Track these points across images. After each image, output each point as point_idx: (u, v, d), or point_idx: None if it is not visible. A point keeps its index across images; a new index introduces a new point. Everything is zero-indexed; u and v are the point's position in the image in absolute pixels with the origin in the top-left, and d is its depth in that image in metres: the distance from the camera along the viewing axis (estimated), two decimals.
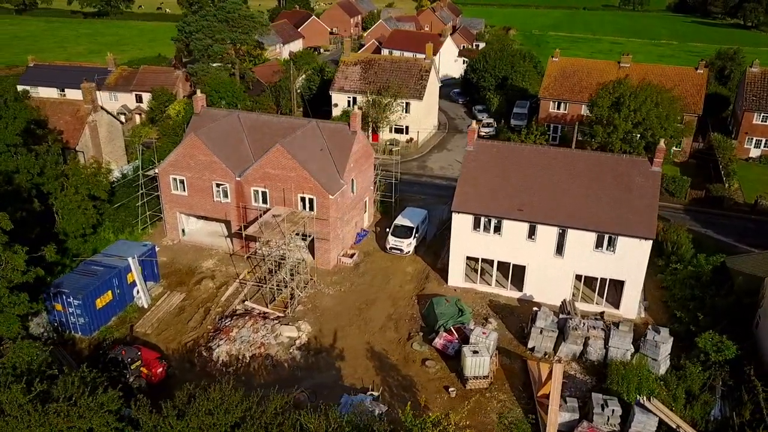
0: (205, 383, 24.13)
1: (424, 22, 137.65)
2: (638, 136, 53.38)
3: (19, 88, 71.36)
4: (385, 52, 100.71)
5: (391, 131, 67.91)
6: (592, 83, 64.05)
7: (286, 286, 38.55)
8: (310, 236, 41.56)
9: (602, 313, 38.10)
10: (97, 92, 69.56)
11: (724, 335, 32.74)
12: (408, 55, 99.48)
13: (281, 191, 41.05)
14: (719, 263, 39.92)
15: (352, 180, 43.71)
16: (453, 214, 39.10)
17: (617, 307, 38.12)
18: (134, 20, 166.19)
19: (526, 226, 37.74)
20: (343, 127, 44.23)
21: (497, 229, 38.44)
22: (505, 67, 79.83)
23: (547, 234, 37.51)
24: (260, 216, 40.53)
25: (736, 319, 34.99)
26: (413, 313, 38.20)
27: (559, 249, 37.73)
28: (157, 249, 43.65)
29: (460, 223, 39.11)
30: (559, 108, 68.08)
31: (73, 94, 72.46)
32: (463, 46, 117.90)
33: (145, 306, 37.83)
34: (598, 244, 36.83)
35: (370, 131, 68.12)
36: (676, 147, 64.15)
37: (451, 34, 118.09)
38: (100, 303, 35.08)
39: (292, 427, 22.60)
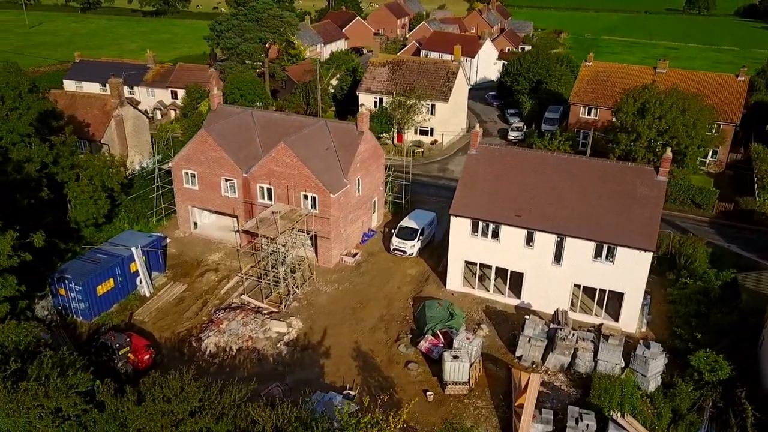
0: (170, 372, 24.75)
1: (470, 25, 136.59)
2: (663, 144, 51.51)
3: (65, 82, 75.56)
4: (423, 53, 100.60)
5: (416, 133, 67.82)
6: (626, 89, 62.14)
7: (284, 281, 39.11)
8: (309, 233, 42.01)
9: (601, 325, 37.03)
10: (135, 88, 72.65)
11: (721, 355, 31.29)
12: (446, 56, 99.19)
13: (285, 188, 41.67)
14: (729, 279, 38.19)
15: (358, 180, 43.91)
16: (451, 217, 38.83)
17: (617, 319, 36.99)
18: (190, 19, 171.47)
19: (523, 232, 37.09)
20: (351, 126, 44.53)
21: (495, 234, 37.93)
22: (539, 71, 78.41)
23: (545, 241, 36.73)
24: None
25: (739, 339, 33.38)
26: (406, 315, 38.11)
27: (558, 257, 36.90)
28: (168, 241, 45.23)
29: (459, 227, 38.77)
30: (589, 113, 66.45)
31: None
32: (508, 49, 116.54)
33: (147, 295, 39.10)
34: (597, 254, 35.82)
35: (395, 132, 68.28)
36: (711, 157, 61.72)
37: (494, 38, 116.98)
38: (101, 290, 36.49)
39: (244, 419, 23.01)
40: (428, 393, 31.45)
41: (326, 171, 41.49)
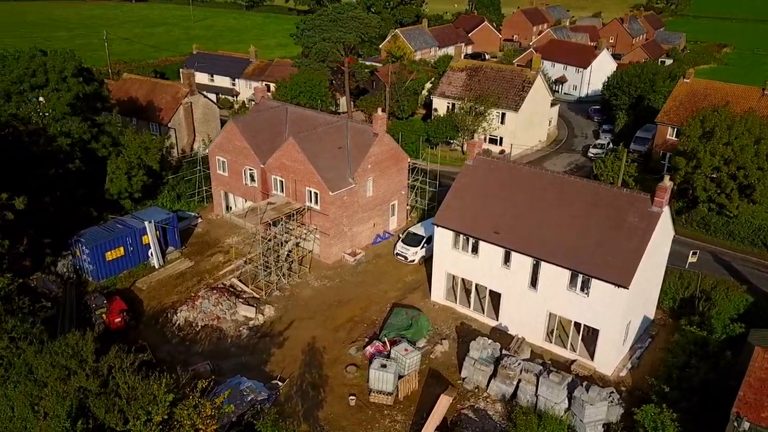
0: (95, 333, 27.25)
1: (607, 34, 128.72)
2: (728, 175, 45.55)
3: (181, 72, 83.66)
4: None
5: (485, 141, 66.08)
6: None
7: (267, 269, 40.69)
8: (310, 228, 43.20)
9: (574, 361, 34.12)
10: (237, 80, 78.66)
11: (676, 414, 27.57)
12: (558, 66, 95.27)
13: (294, 182, 43.26)
14: (735, 334, 33.19)
15: (369, 181, 44.21)
16: (435, 227, 37.94)
17: (593, 358, 33.86)
18: None
19: (501, 250, 35.24)
20: (369, 128, 44.94)
21: (475, 249, 36.43)
22: (641, 86, 72.30)
23: (522, 263, 34.61)
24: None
25: (711, 400, 29.05)
26: (377, 319, 37.92)
27: (533, 281, 34.60)
28: (199, 220, 48.99)
29: (442, 238, 37.78)
30: (677, 135, 60.17)
31: (219, 80, 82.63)
32: (645, 60, 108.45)
33: (157, 267, 42.72)
34: (572, 284, 33.08)
35: (464, 139, 67.14)
36: None
37: (633, 49, 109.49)
38: (110, 255, 40.64)
39: (116, 385, 24.82)
40: (351, 397, 31.26)
41: (331, 169, 42.35)
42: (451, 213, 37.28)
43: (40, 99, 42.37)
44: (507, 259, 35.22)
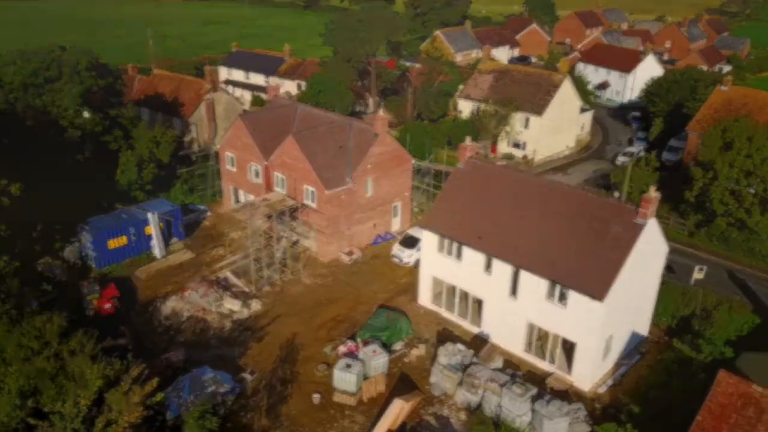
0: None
1: (663, 39, 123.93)
2: (748, 187, 43.10)
3: (220, 69, 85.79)
4: (580, 65, 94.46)
5: (508, 145, 64.89)
6: (763, 121, 52.26)
7: (257, 264, 41.20)
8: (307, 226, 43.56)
9: (551, 374, 33.07)
10: (270, 77, 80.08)
11: None
12: (602, 70, 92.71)
13: (294, 179, 43.72)
14: (720, 357, 31.33)
15: (368, 181, 44.16)
16: (422, 230, 37.58)
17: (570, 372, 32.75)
18: None
19: (483, 256, 34.54)
20: (371, 128, 44.89)
21: (459, 254, 35.84)
22: (681, 92, 69.20)
23: (503, 270, 33.83)
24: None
25: (681, 424, 27.51)
26: (360, 319, 37.81)
27: (513, 290, 33.75)
28: (208, 214, 50.22)
29: (428, 241, 37.36)
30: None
31: (254, 78, 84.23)
32: (703, 68, 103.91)
33: (159, 257, 44.02)
34: (550, 294, 32.09)
35: (489, 142, 66.13)
36: None
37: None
38: (112, 244, 42.14)
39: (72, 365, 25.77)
40: (315, 395, 31.34)
41: (329, 168, 42.56)
42: (438, 217, 36.81)
43: (85, 114, 43.97)
44: (489, 265, 34.50)
